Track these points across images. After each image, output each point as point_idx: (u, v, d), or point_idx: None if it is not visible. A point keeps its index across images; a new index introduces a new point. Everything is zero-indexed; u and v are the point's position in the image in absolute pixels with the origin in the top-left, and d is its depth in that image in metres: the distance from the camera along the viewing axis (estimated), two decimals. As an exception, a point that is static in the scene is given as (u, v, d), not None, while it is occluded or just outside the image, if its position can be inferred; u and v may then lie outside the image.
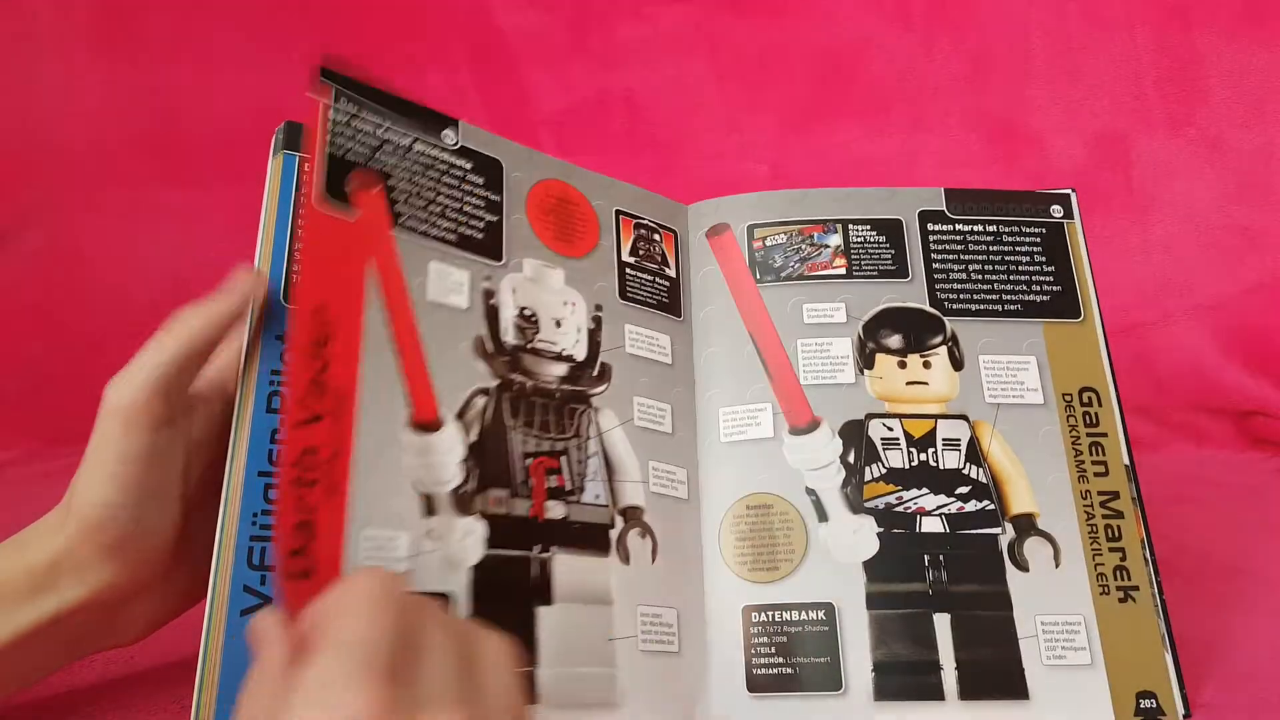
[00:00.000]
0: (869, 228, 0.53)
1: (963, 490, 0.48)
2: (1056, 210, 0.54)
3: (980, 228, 0.54)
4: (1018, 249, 0.53)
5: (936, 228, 0.53)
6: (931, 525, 0.47)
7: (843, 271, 0.52)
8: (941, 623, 0.46)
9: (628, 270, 0.51)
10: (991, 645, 0.45)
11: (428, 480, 0.41)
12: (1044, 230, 0.54)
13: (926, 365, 0.50)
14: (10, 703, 0.42)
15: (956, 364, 0.51)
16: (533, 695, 0.41)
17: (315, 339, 0.39)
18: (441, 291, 0.44)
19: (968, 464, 0.49)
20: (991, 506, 0.48)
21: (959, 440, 0.49)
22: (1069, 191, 0.55)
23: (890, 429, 0.49)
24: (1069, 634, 0.45)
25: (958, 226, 0.54)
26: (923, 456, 0.49)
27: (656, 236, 0.52)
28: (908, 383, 0.50)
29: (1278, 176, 0.90)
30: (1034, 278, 0.52)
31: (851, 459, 0.49)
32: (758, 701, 0.44)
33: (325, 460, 0.38)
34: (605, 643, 0.43)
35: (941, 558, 0.47)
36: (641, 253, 0.51)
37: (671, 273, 0.52)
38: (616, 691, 0.42)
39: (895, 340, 0.51)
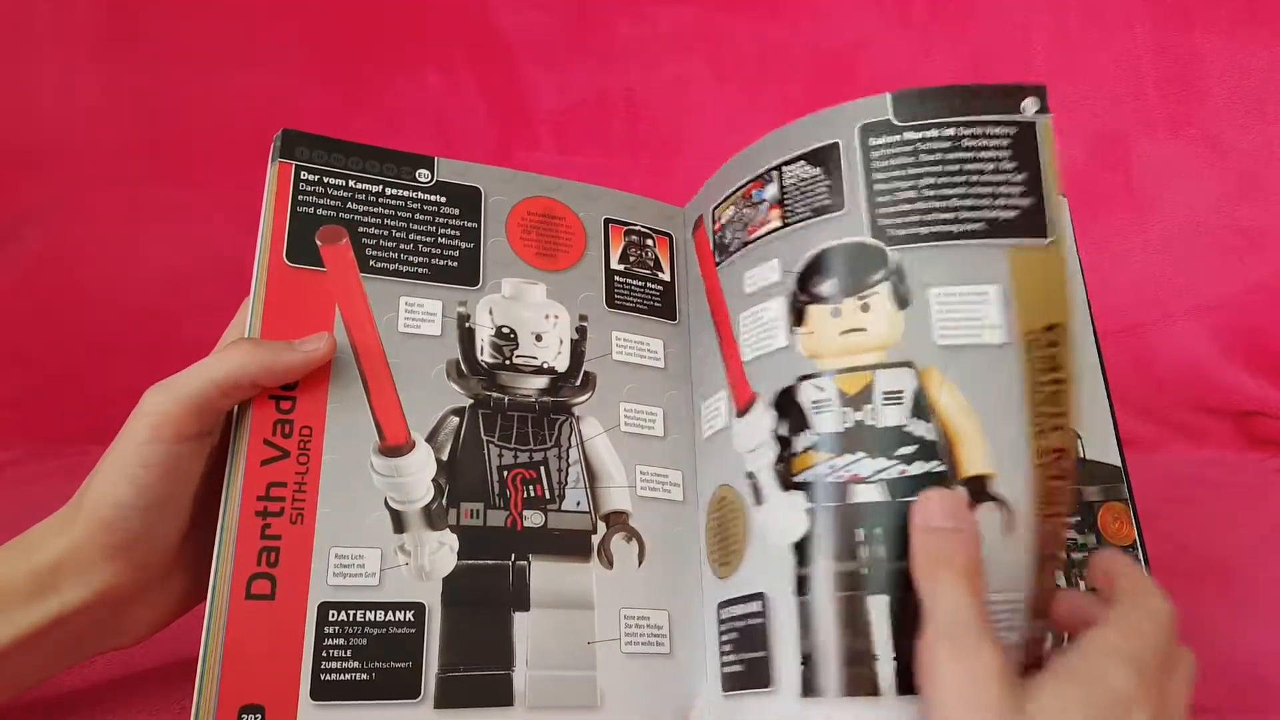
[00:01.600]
0: (803, 163, 0.46)
1: (906, 450, 0.41)
2: (1030, 105, 0.44)
3: (935, 133, 0.44)
4: (980, 155, 0.43)
5: (880, 141, 0.45)
6: (868, 494, 0.41)
7: (778, 224, 0.46)
8: (878, 606, 0.39)
9: (616, 278, 0.51)
10: None
11: (398, 499, 0.43)
12: (1013, 130, 0.43)
13: (865, 308, 0.43)
14: (11, 704, 0.42)
15: (901, 301, 0.42)
16: (509, 698, 0.42)
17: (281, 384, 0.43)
18: (413, 323, 0.46)
19: (912, 419, 0.41)
20: (941, 467, 0.40)
21: (901, 392, 0.42)
22: (1042, 85, 0.45)
23: (821, 389, 0.43)
24: (1015, 612, 0.39)
25: (906, 135, 0.44)
26: (858, 416, 0.42)
27: (649, 242, 0.53)
28: (842, 332, 0.43)
29: (1278, 176, 0.90)
30: (999, 189, 0.43)
31: (783, 431, 0.44)
32: (728, 701, 0.44)
33: (292, 491, 0.42)
34: (585, 646, 0.44)
35: (879, 531, 0.40)
36: (632, 259, 0.52)
37: (665, 277, 0.53)
38: (596, 693, 0.43)
39: (827, 286, 0.44)
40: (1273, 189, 0.90)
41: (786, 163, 0.46)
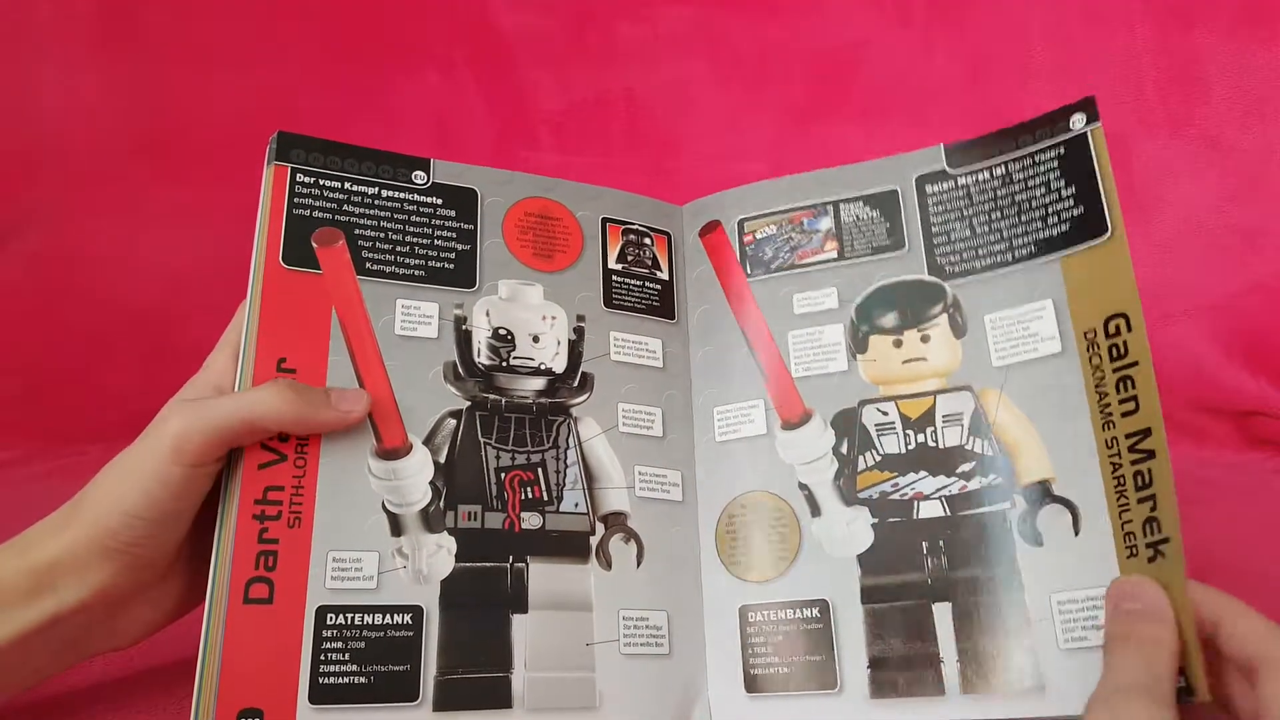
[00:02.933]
0: (861, 204, 0.51)
1: (965, 468, 0.45)
2: (1078, 121, 0.47)
3: (986, 174, 0.48)
4: (1030, 183, 0.47)
5: (936, 188, 0.49)
6: (931, 510, 0.45)
7: (834, 255, 0.50)
8: (942, 612, 0.43)
9: (614, 277, 0.51)
10: (999, 632, 0.42)
11: (396, 502, 0.43)
12: (1062, 150, 0.47)
13: (925, 339, 0.47)
14: (10, 704, 0.42)
15: (959, 331, 0.47)
16: (508, 700, 0.42)
17: None
18: (410, 325, 0.46)
19: (971, 438, 0.45)
20: (999, 480, 0.44)
21: (961, 414, 0.46)
22: (1090, 97, 0.47)
23: (885, 413, 0.47)
24: (1091, 612, 0.40)
25: (960, 181, 0.49)
26: (920, 438, 0.46)
27: (647, 240, 0.53)
28: (904, 361, 0.47)
29: (1278, 176, 0.89)
30: (1051, 208, 0.46)
31: (844, 449, 0.47)
32: (756, 701, 0.44)
33: (289, 495, 0.42)
34: (584, 647, 0.44)
35: (941, 543, 0.44)
36: (630, 259, 0.52)
37: (664, 275, 0.53)
38: (595, 694, 0.43)
39: (890, 318, 0.48)
40: (1273, 189, 0.90)
41: (844, 201, 0.50)
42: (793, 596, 0.45)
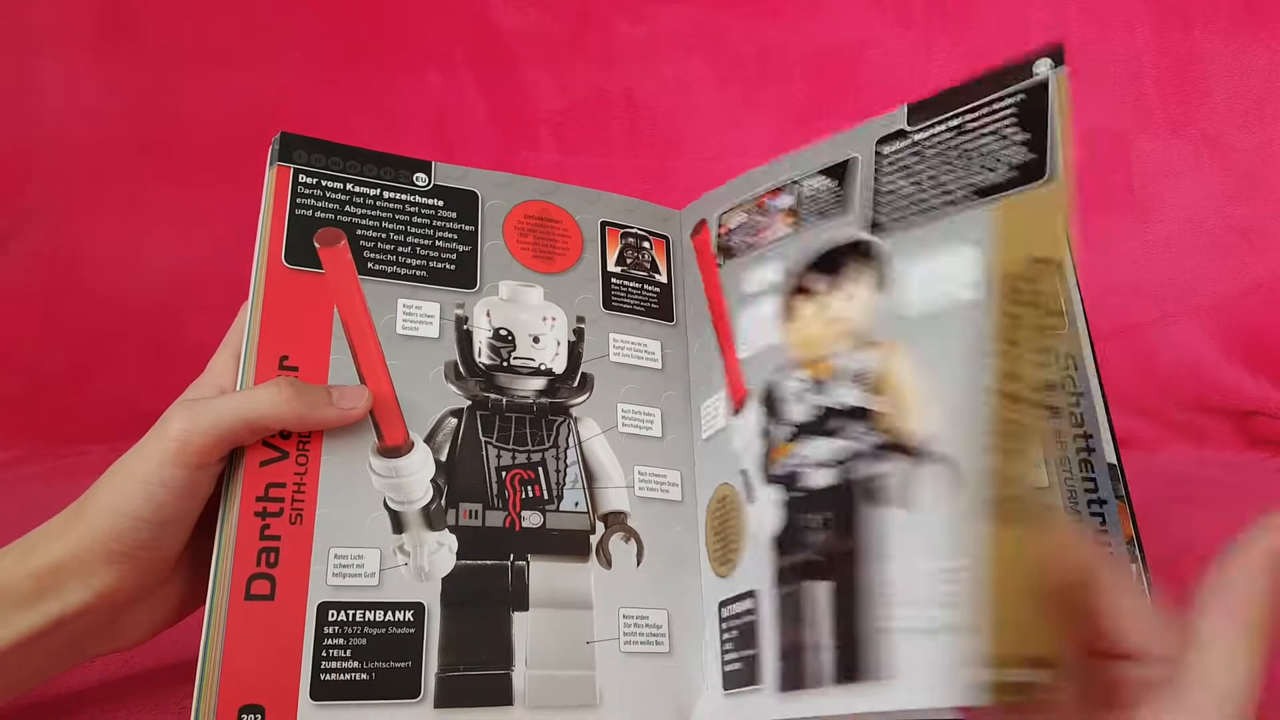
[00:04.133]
0: (822, 176, 0.48)
1: (859, 429, 0.41)
2: (1042, 66, 0.42)
3: (940, 127, 0.44)
4: (983, 132, 0.43)
5: (890, 148, 0.46)
6: (825, 478, 0.41)
7: (790, 230, 0.48)
8: (825, 593, 0.39)
9: (613, 280, 0.51)
10: (868, 613, 0.37)
11: (397, 499, 0.43)
12: (1023, 96, 0.42)
13: (848, 298, 0.44)
14: (10, 705, 0.42)
15: (883, 286, 0.43)
16: (509, 697, 0.42)
17: None
18: (411, 325, 0.47)
19: (868, 396, 0.41)
20: (885, 440, 0.40)
21: (864, 372, 0.42)
22: (1059, 43, 0.43)
23: (800, 380, 0.44)
24: (960, 586, 0.35)
25: (916, 138, 0.45)
26: (824, 400, 0.42)
27: (646, 244, 0.53)
28: (825, 323, 0.44)
29: (1278, 176, 0.90)
30: (999, 155, 0.42)
31: (769, 426, 0.45)
32: (728, 699, 0.44)
33: (291, 492, 0.42)
34: (584, 646, 0.44)
35: (832, 515, 0.40)
36: (629, 261, 0.52)
37: (662, 278, 0.53)
38: (595, 693, 0.43)
39: (814, 280, 0.45)
40: (1273, 189, 0.90)
41: (807, 176, 0.48)
42: (740, 589, 0.44)
